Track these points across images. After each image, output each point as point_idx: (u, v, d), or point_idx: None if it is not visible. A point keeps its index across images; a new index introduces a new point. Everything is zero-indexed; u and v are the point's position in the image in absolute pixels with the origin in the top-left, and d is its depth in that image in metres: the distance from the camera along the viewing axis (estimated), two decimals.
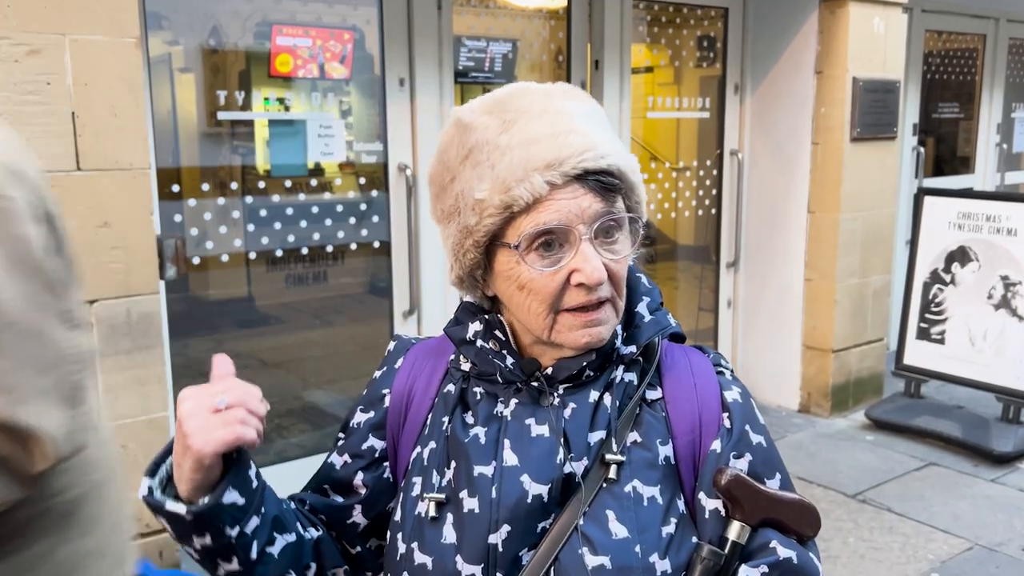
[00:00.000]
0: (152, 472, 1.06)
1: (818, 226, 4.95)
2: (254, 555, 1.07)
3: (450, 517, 1.09)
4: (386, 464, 1.21)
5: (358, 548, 1.22)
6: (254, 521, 1.07)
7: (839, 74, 4.76)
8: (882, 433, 4.80)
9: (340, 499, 1.21)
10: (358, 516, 1.20)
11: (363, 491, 1.20)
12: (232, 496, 1.04)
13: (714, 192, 5.35)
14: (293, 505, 1.20)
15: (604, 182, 1.04)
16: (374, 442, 1.21)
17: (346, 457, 1.22)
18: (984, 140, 6.85)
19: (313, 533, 1.18)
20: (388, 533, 1.18)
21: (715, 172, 5.33)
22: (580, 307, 1.06)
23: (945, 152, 6.83)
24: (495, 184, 1.03)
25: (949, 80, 6.56)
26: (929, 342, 4.95)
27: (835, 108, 4.79)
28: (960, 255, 4.87)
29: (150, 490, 1.05)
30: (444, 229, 1.12)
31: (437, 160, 1.12)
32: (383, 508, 1.21)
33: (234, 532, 1.05)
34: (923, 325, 4.99)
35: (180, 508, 1.02)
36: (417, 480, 1.15)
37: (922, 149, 6.24)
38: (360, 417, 1.23)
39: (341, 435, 1.25)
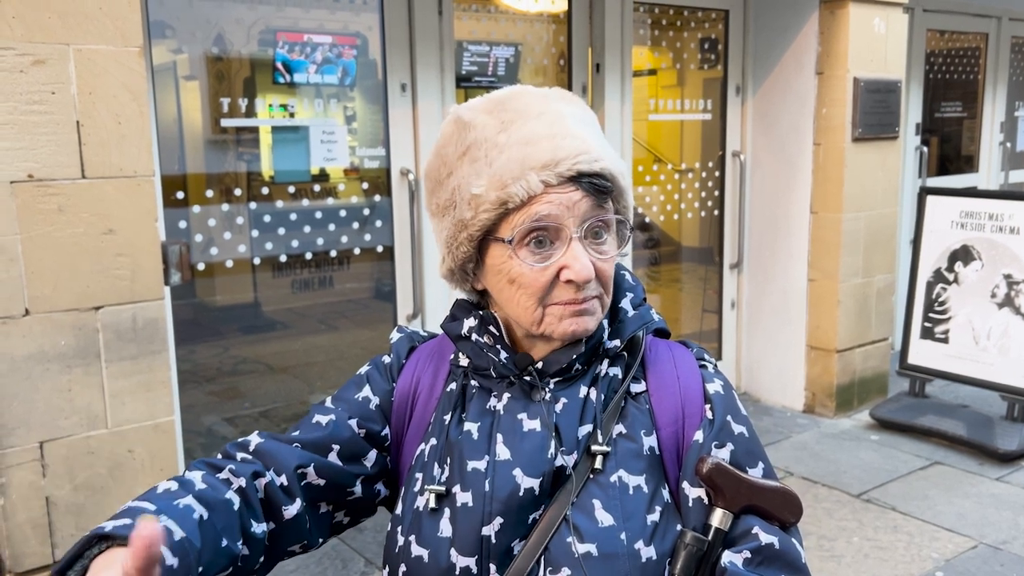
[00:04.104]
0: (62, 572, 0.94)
1: (821, 226, 4.95)
2: None
3: (447, 511, 1.12)
4: (387, 457, 1.24)
5: (328, 509, 1.21)
6: None
7: (840, 74, 4.77)
8: (887, 432, 4.80)
9: (346, 466, 1.20)
10: (358, 488, 1.21)
11: (368, 466, 1.22)
12: None
13: (717, 193, 5.36)
14: (265, 481, 1.14)
15: (597, 184, 1.07)
16: (388, 432, 1.23)
17: (363, 432, 1.22)
18: (988, 139, 6.85)
19: (267, 527, 1.13)
20: (389, 526, 1.21)
21: (717, 173, 5.34)
22: (567, 302, 1.09)
23: (949, 151, 6.83)
24: (492, 180, 1.06)
25: (952, 79, 6.56)
26: (933, 341, 4.95)
27: (836, 108, 4.80)
28: (963, 254, 4.87)
29: None
30: (438, 223, 1.15)
31: (435, 155, 1.15)
32: (375, 490, 1.23)
33: None
34: (927, 324, 4.99)
35: None
36: (419, 476, 1.18)
37: (925, 148, 6.24)
38: (369, 395, 1.24)
39: (343, 397, 1.24)
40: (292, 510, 1.15)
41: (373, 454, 1.22)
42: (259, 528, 1.13)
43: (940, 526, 3.73)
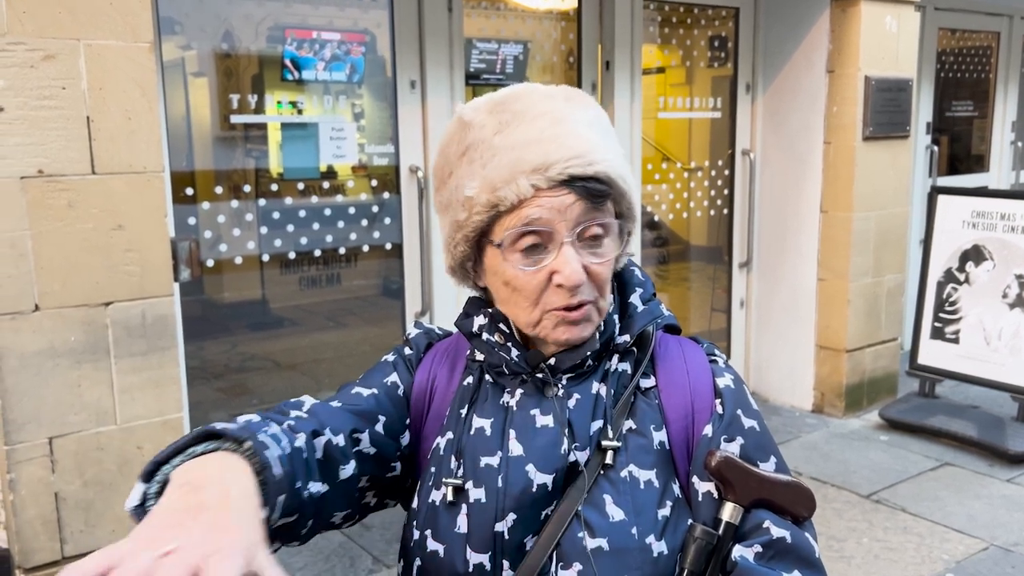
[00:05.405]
0: (149, 475, 0.91)
1: (831, 225, 4.93)
2: None
3: (463, 507, 1.12)
4: (411, 443, 1.22)
5: (366, 484, 1.17)
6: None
7: (851, 73, 4.74)
8: (896, 433, 4.78)
9: (391, 440, 1.18)
10: (397, 465, 1.20)
11: (403, 446, 1.21)
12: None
13: (726, 192, 5.34)
14: (324, 440, 1.10)
15: (591, 188, 1.06)
16: (408, 422, 1.23)
17: (392, 418, 1.21)
18: (999, 138, 6.81)
19: (318, 488, 1.08)
20: (405, 518, 1.21)
21: (727, 172, 5.32)
22: (562, 308, 1.08)
23: (960, 150, 6.79)
24: (483, 183, 1.06)
25: (963, 78, 6.52)
26: (943, 341, 4.92)
27: (847, 107, 4.77)
28: (974, 254, 4.84)
29: (143, 499, 0.89)
30: (441, 220, 1.16)
31: (439, 154, 1.16)
32: (406, 471, 1.22)
33: None
34: (937, 324, 4.96)
35: None
36: (434, 469, 1.18)
37: (936, 148, 6.20)
38: (397, 381, 1.23)
39: (374, 380, 1.23)
40: (347, 471, 1.12)
41: (407, 435, 1.21)
42: (315, 487, 1.07)
43: (950, 527, 3.71)
